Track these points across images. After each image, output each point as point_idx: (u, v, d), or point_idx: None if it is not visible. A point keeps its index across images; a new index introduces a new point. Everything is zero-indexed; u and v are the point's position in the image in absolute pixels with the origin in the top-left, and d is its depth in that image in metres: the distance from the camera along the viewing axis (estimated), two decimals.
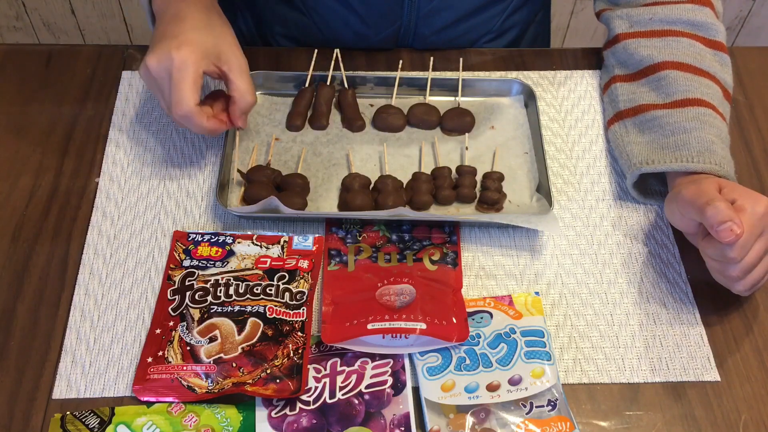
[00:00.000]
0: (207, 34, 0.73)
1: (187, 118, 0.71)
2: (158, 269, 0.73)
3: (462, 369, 0.66)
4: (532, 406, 0.64)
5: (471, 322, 0.69)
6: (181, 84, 0.70)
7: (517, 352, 0.66)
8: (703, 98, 0.77)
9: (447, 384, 0.65)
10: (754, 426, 0.65)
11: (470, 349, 0.67)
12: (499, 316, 0.69)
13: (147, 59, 0.71)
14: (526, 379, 0.65)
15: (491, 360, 0.66)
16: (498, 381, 0.65)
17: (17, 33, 1.87)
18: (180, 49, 0.70)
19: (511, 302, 0.70)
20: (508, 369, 0.65)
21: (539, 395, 0.64)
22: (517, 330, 0.68)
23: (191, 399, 0.64)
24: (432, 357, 0.66)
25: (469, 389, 0.64)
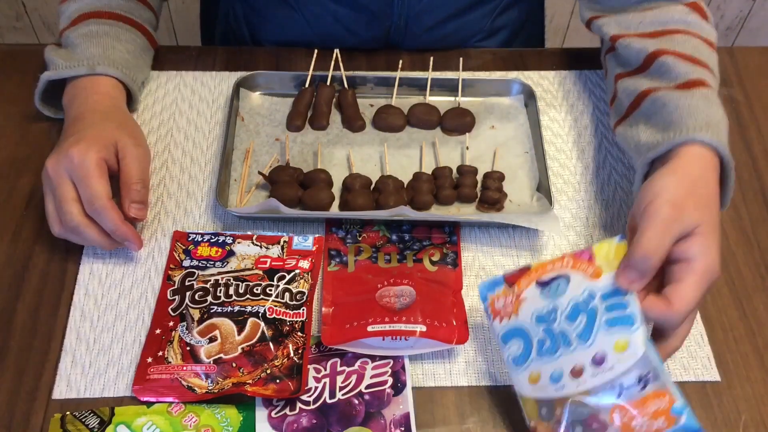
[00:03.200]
0: (104, 128, 0.73)
1: (99, 213, 0.68)
2: (158, 269, 0.73)
3: (543, 353, 0.61)
4: (621, 388, 0.58)
5: (547, 293, 0.62)
6: (88, 179, 0.68)
7: (597, 322, 0.60)
8: (705, 80, 0.73)
9: (533, 375, 0.61)
10: (754, 426, 0.65)
11: (548, 328, 0.61)
12: (576, 279, 0.62)
13: (46, 161, 0.70)
14: (610, 357, 0.58)
15: (570, 337, 0.60)
16: (581, 364, 0.59)
17: (17, 33, 1.87)
18: (77, 145, 0.69)
19: (591, 258, 0.62)
20: (590, 344, 0.59)
21: (627, 373, 0.58)
22: (596, 295, 0.60)
23: (191, 399, 0.64)
24: (514, 344, 0.63)
25: (554, 378, 0.60)
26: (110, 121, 0.75)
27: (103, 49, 0.79)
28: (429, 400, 0.66)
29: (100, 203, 0.68)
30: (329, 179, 0.78)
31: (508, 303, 0.63)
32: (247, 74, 0.86)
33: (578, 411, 0.58)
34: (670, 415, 0.56)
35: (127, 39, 0.82)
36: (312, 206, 0.76)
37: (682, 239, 0.60)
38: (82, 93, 0.77)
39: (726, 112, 0.71)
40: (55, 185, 0.69)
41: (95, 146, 0.70)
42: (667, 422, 0.56)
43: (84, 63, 0.78)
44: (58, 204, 0.69)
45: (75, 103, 0.77)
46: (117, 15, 0.83)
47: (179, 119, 0.85)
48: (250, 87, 0.87)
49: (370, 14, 0.90)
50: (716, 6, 1.93)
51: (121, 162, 0.72)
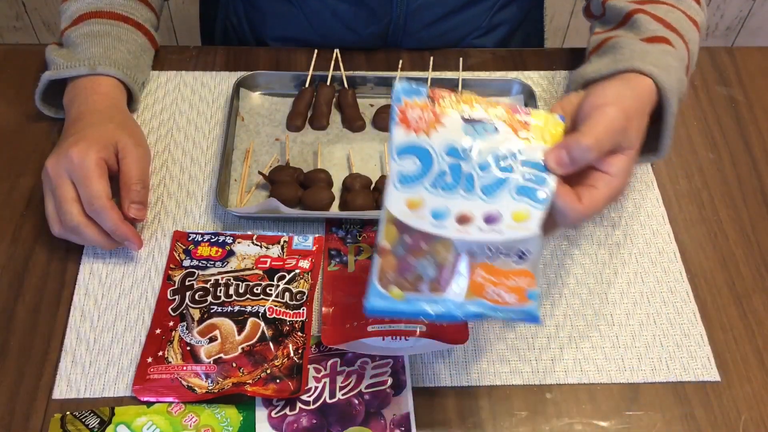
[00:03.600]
0: (104, 128, 0.73)
1: (98, 213, 0.68)
2: (158, 269, 0.73)
3: (438, 186, 0.57)
4: (499, 252, 0.55)
5: (469, 130, 0.58)
6: (88, 179, 0.68)
7: (508, 184, 0.57)
8: (671, 40, 0.73)
9: (414, 200, 0.56)
10: (754, 426, 0.65)
11: (456, 164, 0.57)
12: (504, 133, 0.58)
13: (46, 161, 0.70)
14: (504, 220, 0.56)
15: (474, 184, 0.57)
16: (472, 213, 0.56)
17: (17, 33, 1.87)
18: (77, 145, 0.69)
19: (527, 122, 0.59)
20: (490, 200, 0.56)
21: (512, 243, 0.55)
22: (518, 158, 0.58)
23: (191, 399, 0.64)
24: (410, 161, 0.57)
25: (437, 215, 0.56)
26: (110, 121, 0.75)
27: (103, 49, 0.79)
28: (429, 400, 0.66)
29: (99, 203, 0.68)
30: (329, 179, 0.78)
31: (424, 118, 0.58)
32: (247, 74, 0.86)
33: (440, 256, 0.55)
34: (524, 295, 0.55)
35: (128, 39, 0.82)
36: (312, 206, 0.76)
37: (609, 153, 0.60)
38: (83, 93, 0.77)
39: (726, 112, 0.71)
40: (55, 185, 0.69)
41: (95, 146, 0.70)
42: (517, 300, 0.55)
43: (85, 63, 0.78)
44: (58, 204, 0.69)
45: (75, 103, 0.77)
46: (118, 15, 0.83)
47: (179, 119, 0.85)
48: (250, 87, 0.87)
49: (369, 10, 0.90)
50: (716, 6, 1.93)
51: (121, 162, 0.72)
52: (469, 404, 0.66)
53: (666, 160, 0.84)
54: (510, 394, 0.66)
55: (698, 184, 0.82)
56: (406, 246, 0.56)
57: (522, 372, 0.68)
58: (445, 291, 0.55)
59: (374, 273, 0.55)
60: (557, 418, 0.65)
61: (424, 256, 0.55)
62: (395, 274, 0.55)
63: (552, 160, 0.57)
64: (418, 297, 0.55)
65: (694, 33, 0.77)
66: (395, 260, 0.55)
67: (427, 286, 0.55)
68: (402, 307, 0.55)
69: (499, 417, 0.65)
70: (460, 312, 0.55)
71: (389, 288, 0.55)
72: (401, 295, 0.55)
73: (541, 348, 0.69)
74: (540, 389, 0.67)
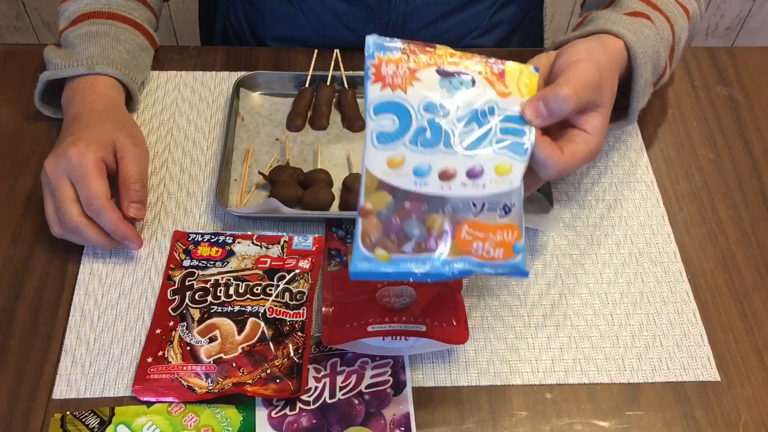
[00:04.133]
0: (102, 127, 0.73)
1: (98, 213, 0.68)
2: (158, 269, 0.73)
3: (418, 143, 0.56)
4: (483, 207, 0.55)
5: (447, 86, 0.57)
6: (86, 180, 0.68)
7: (488, 137, 0.56)
8: (651, 17, 0.73)
9: (396, 159, 0.55)
10: (754, 426, 0.65)
11: (434, 121, 0.56)
12: (482, 86, 0.58)
13: (45, 162, 0.70)
14: (487, 174, 0.55)
15: (454, 139, 0.56)
16: (455, 168, 0.55)
17: (17, 33, 1.87)
18: (75, 145, 0.69)
19: (502, 73, 0.59)
20: (472, 155, 0.56)
21: (496, 197, 0.55)
22: (496, 112, 0.57)
23: (191, 399, 0.64)
24: (387, 119, 0.56)
25: (419, 172, 0.55)
26: (108, 120, 0.75)
27: (102, 48, 0.79)
28: (429, 400, 0.66)
29: (98, 203, 0.68)
30: (329, 179, 0.78)
31: (399, 74, 0.58)
32: (247, 74, 0.86)
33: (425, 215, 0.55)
34: (511, 249, 0.55)
35: (127, 39, 0.82)
36: (312, 206, 0.76)
37: (584, 111, 0.60)
38: (81, 93, 0.77)
39: (726, 112, 0.71)
40: (54, 186, 0.69)
41: (93, 146, 0.70)
42: (504, 254, 0.55)
43: (83, 63, 0.78)
44: (57, 204, 0.69)
45: (74, 103, 0.77)
46: (116, 15, 0.83)
47: (179, 119, 0.85)
48: (250, 87, 0.87)
49: (368, 10, 0.90)
50: (716, 6, 1.93)
51: (120, 162, 0.72)
52: (469, 404, 0.66)
53: (666, 160, 0.84)
54: (510, 394, 0.66)
55: (698, 184, 0.82)
56: (390, 206, 0.55)
57: (522, 372, 0.68)
58: (431, 250, 0.55)
59: (357, 236, 0.55)
60: (557, 418, 0.65)
61: (408, 215, 0.55)
62: (380, 235, 0.55)
63: (530, 112, 0.57)
64: (404, 258, 0.54)
65: (683, 19, 0.77)
66: (379, 222, 0.55)
67: (412, 246, 0.55)
68: (387, 269, 0.54)
69: (499, 417, 0.65)
70: (448, 270, 0.54)
71: (374, 250, 0.54)
72: (387, 257, 0.54)
73: (541, 348, 0.69)
74: (540, 389, 0.67)
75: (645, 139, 0.86)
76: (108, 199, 0.69)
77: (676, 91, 0.91)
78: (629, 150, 0.84)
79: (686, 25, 0.78)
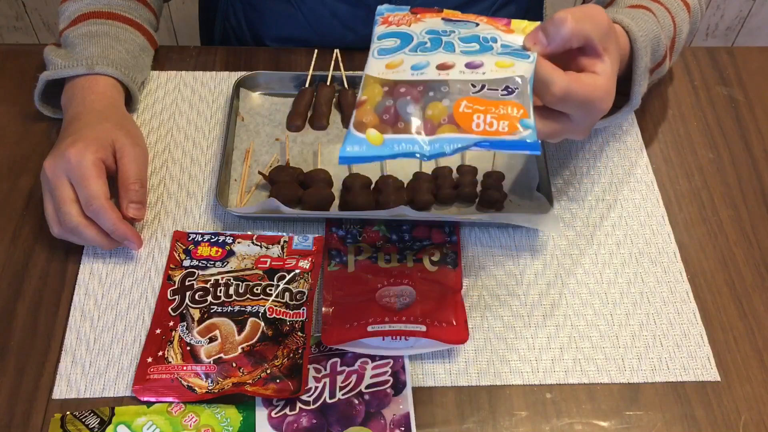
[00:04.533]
0: (101, 128, 0.73)
1: (97, 213, 0.68)
2: (158, 269, 0.73)
3: (418, 50, 0.55)
4: (483, 88, 0.52)
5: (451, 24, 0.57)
6: (86, 180, 0.68)
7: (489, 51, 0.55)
8: (652, 9, 0.72)
9: (394, 62, 0.55)
10: (754, 426, 0.65)
11: (437, 38, 0.55)
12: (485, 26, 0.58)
13: (44, 162, 0.70)
14: (487, 65, 0.53)
15: (455, 50, 0.55)
16: (453, 61, 0.53)
17: (17, 33, 1.87)
18: (74, 146, 0.69)
19: (508, 23, 0.59)
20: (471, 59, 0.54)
21: (498, 80, 0.52)
22: (499, 40, 0.56)
23: (191, 399, 0.64)
24: (390, 40, 0.57)
25: (417, 67, 0.54)
26: (108, 120, 0.75)
27: (101, 48, 0.79)
28: (429, 400, 0.66)
29: (97, 203, 0.68)
30: (329, 179, 0.78)
31: (405, 20, 0.59)
32: (247, 74, 0.86)
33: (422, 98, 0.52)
34: (517, 124, 0.50)
35: (126, 39, 0.82)
36: (312, 206, 0.76)
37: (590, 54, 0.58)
38: (80, 93, 0.77)
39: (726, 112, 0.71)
40: (53, 186, 0.69)
41: (92, 146, 0.70)
42: (509, 128, 0.50)
43: (83, 63, 0.78)
44: (56, 205, 0.69)
45: (73, 103, 0.77)
46: (116, 15, 0.83)
47: (179, 119, 0.85)
48: (250, 87, 0.87)
49: (368, 10, 0.90)
50: (716, 6, 1.93)
51: (119, 162, 0.72)
52: (469, 404, 0.66)
53: (666, 160, 0.84)
54: (510, 394, 0.66)
55: (698, 184, 0.82)
56: (385, 95, 0.53)
57: (522, 372, 0.68)
58: (428, 129, 0.51)
59: (351, 123, 0.52)
60: (557, 418, 0.65)
61: (403, 96, 0.52)
62: (374, 120, 0.52)
63: (529, 40, 0.56)
64: (399, 138, 0.51)
65: (683, 12, 0.77)
66: (374, 112, 0.52)
67: (407, 126, 0.51)
68: (380, 152, 0.51)
69: (499, 417, 0.65)
70: (448, 148, 0.50)
71: (366, 131, 0.51)
72: (379, 139, 0.51)
73: (541, 348, 0.69)
74: (540, 389, 0.67)
75: (645, 139, 0.86)
76: (107, 199, 0.69)
77: (676, 91, 0.91)
78: (629, 150, 0.84)
79: (687, 18, 0.78)
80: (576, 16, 0.56)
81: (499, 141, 0.50)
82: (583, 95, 0.56)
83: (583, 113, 0.57)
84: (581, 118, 0.58)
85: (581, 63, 0.59)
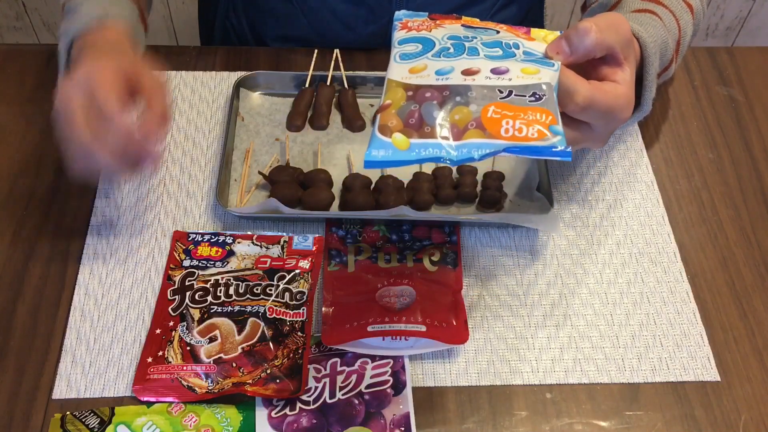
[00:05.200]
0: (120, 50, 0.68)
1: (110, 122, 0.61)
2: (158, 269, 0.73)
3: (441, 56, 0.55)
4: (511, 93, 0.52)
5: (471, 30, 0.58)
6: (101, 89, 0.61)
7: (514, 58, 0.55)
8: (658, 13, 0.72)
9: (418, 67, 0.54)
10: (754, 426, 0.65)
11: (459, 44, 0.55)
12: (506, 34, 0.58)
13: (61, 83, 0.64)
14: (513, 72, 0.53)
15: (480, 52, 0.55)
16: (478, 67, 0.53)
17: (17, 33, 1.87)
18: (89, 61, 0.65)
19: (528, 32, 0.59)
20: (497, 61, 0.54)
21: (524, 86, 0.52)
22: (521, 47, 0.56)
23: (191, 399, 0.64)
24: (411, 45, 0.56)
25: (441, 72, 0.53)
26: (126, 51, 0.69)
27: (108, 4, 0.74)
28: (429, 400, 0.66)
29: (110, 108, 0.61)
30: (329, 179, 0.78)
31: (424, 25, 0.59)
32: (247, 74, 0.86)
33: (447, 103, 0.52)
34: (547, 130, 0.50)
35: (126, 6, 0.77)
36: (312, 206, 0.76)
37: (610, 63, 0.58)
38: (91, 36, 0.70)
39: (726, 112, 0.71)
40: (64, 107, 0.62)
41: (111, 61, 0.64)
42: (539, 134, 0.50)
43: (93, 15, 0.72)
44: (67, 126, 0.62)
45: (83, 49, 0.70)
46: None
47: (179, 119, 0.85)
48: (250, 87, 0.87)
49: (369, 9, 0.90)
50: (716, 6, 1.93)
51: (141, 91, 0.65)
52: (469, 404, 0.66)
53: (666, 160, 0.84)
54: (510, 394, 0.66)
55: (698, 184, 0.82)
56: (410, 101, 0.52)
57: (522, 372, 0.68)
58: (455, 134, 0.51)
59: (375, 127, 0.52)
60: (557, 418, 0.65)
61: (429, 101, 0.52)
62: (399, 124, 0.51)
63: (552, 49, 0.56)
64: (425, 143, 0.50)
65: (687, 14, 0.77)
66: (398, 116, 0.52)
67: (434, 130, 0.51)
68: (406, 156, 0.50)
69: (499, 417, 0.65)
70: (476, 153, 0.50)
71: (392, 136, 0.51)
72: (406, 143, 0.50)
73: (541, 348, 0.69)
74: (540, 389, 0.67)
75: (645, 139, 0.86)
76: (122, 111, 0.61)
77: (676, 91, 0.91)
78: (629, 150, 0.84)
79: (691, 21, 0.78)
80: (600, 26, 0.56)
81: (529, 147, 0.50)
82: (606, 104, 0.56)
83: (604, 122, 0.58)
84: (601, 126, 0.58)
85: (602, 72, 0.59)
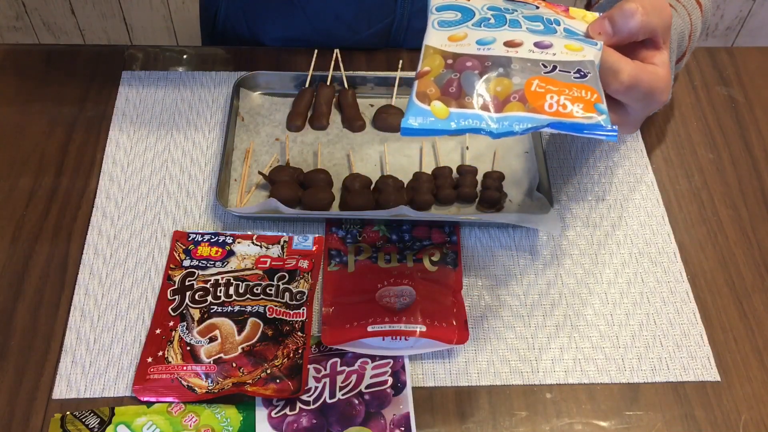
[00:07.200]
0: None
1: None
2: (158, 269, 0.73)
3: (482, 26, 0.53)
4: (555, 68, 0.50)
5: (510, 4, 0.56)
6: None
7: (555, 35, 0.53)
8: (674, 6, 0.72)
9: (458, 35, 0.52)
10: (754, 426, 0.65)
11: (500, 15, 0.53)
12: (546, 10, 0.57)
13: None
14: (557, 47, 0.51)
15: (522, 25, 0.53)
16: (521, 39, 0.51)
17: (17, 33, 1.87)
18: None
19: (566, 10, 0.58)
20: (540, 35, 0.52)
21: (569, 62, 0.50)
22: (562, 24, 0.54)
23: (191, 399, 0.64)
24: (450, 13, 0.54)
25: (483, 42, 0.51)
26: None
27: None
28: (429, 400, 0.66)
29: None
30: (329, 179, 0.78)
31: None
32: (247, 74, 0.86)
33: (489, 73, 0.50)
34: (592, 107, 0.48)
35: None
36: (312, 206, 0.76)
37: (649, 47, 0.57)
38: None
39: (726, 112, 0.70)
40: None
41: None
42: (584, 110, 0.48)
43: None
44: None
45: None
46: None
47: (179, 119, 0.85)
48: (250, 87, 0.87)
49: (372, 11, 0.90)
50: (716, 6, 1.93)
51: None
52: (469, 404, 0.66)
53: (666, 160, 0.84)
54: (510, 394, 0.66)
55: (698, 184, 0.82)
56: (448, 69, 0.50)
57: (522, 372, 0.68)
58: (497, 105, 0.49)
59: (413, 93, 0.49)
60: (557, 418, 0.65)
61: (471, 70, 0.49)
62: (436, 92, 0.49)
63: (594, 30, 0.55)
64: (465, 113, 0.48)
65: (697, 11, 0.77)
66: (436, 84, 0.50)
67: (475, 101, 0.49)
68: (445, 126, 0.48)
69: (499, 417, 0.65)
70: (518, 127, 0.48)
71: (431, 104, 0.48)
72: (445, 112, 0.48)
73: (541, 348, 0.69)
74: (540, 389, 0.67)
75: (645, 139, 0.86)
76: None
77: (676, 91, 0.91)
78: (629, 150, 0.84)
79: (700, 18, 0.78)
80: (646, 8, 0.55)
81: (573, 124, 0.48)
82: (649, 85, 0.55)
83: (642, 104, 0.57)
84: (639, 110, 0.57)
85: (641, 54, 0.58)
